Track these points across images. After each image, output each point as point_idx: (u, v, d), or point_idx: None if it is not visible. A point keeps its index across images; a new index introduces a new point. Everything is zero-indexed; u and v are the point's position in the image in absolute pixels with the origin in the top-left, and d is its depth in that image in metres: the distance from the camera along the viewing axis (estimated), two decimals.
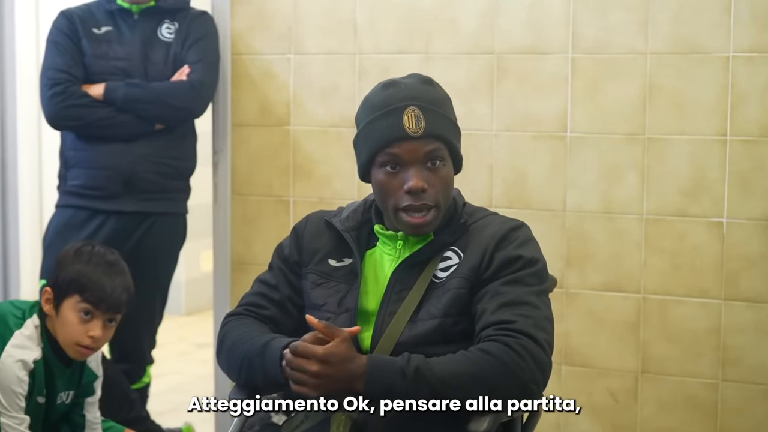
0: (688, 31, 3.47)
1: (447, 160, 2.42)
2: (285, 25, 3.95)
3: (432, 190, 2.38)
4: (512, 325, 2.28)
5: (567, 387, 3.65)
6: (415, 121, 2.37)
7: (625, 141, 3.56)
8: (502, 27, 3.67)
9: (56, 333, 3.05)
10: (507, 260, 2.39)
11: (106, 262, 3.09)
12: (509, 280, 2.36)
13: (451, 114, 2.45)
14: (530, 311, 2.32)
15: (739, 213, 3.45)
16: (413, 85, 2.44)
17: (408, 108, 2.38)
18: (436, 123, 2.39)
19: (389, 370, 2.20)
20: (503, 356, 2.23)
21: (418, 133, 2.37)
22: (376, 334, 2.42)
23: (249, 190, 4.05)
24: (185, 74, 3.83)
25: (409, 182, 2.36)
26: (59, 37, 3.83)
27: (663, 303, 3.55)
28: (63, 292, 3.03)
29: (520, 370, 2.23)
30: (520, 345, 2.25)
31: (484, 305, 2.34)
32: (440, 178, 2.39)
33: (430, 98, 2.41)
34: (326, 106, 3.90)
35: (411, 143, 2.37)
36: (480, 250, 2.42)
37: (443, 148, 2.40)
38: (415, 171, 2.37)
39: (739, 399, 3.48)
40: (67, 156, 3.88)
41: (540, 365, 2.27)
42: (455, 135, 2.45)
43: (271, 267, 2.60)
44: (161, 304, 4.04)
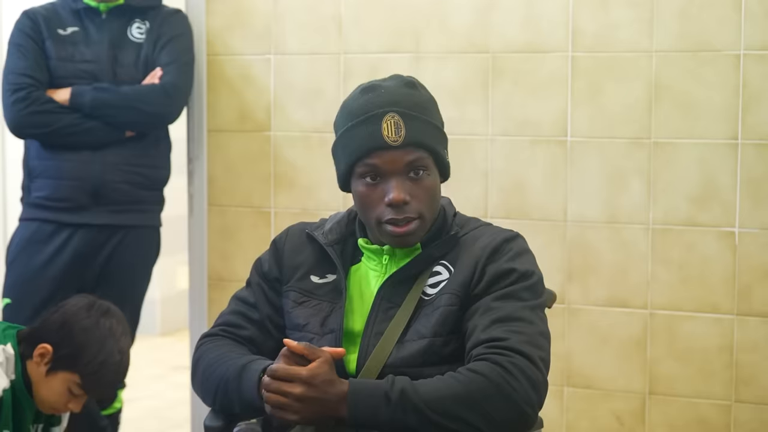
0: (696, 28, 3.49)
1: (431, 170, 2.39)
2: (264, 24, 3.96)
3: (415, 201, 2.37)
4: (504, 343, 2.26)
5: (570, 410, 3.66)
6: (394, 129, 2.36)
7: (629, 145, 3.58)
8: (497, 24, 3.69)
9: (33, 381, 3.01)
10: (499, 273, 2.37)
11: (119, 350, 3.06)
12: (501, 295, 2.35)
13: (435, 119, 2.42)
14: (524, 327, 2.31)
15: (752, 222, 3.47)
16: (394, 88, 2.42)
17: (387, 115, 2.36)
18: (417, 130, 2.37)
19: (373, 393, 2.19)
20: (493, 376, 2.21)
21: (397, 142, 2.35)
22: (361, 356, 2.41)
23: (227, 200, 4.06)
24: (157, 77, 3.84)
25: (390, 195, 2.35)
26: (22, 38, 3.84)
27: (671, 319, 3.56)
28: (65, 365, 2.99)
29: (513, 390, 2.21)
30: (512, 363, 2.23)
31: (475, 322, 2.33)
32: (424, 189, 2.38)
33: (411, 103, 2.38)
34: (309, 110, 3.92)
35: (391, 153, 2.35)
36: (471, 263, 2.41)
37: (426, 156, 2.38)
38: (397, 182, 2.35)
39: (755, 422, 3.50)
40: (31, 166, 3.89)
41: (534, 384, 2.24)
42: (440, 142, 2.42)
43: (249, 283, 2.60)
44: (133, 324, 4.03)
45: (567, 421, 3.66)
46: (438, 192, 2.43)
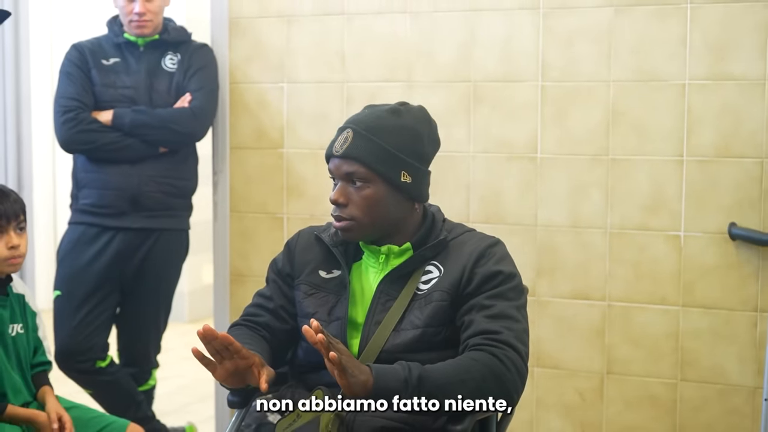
0: (647, 61, 3.46)
1: (374, 182, 2.37)
2: (278, 57, 3.93)
3: (352, 206, 2.38)
4: (499, 336, 2.29)
5: (539, 387, 3.64)
6: (342, 142, 2.38)
7: (590, 161, 3.55)
8: (478, 58, 3.66)
9: None
10: (488, 276, 2.38)
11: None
12: (492, 294, 2.36)
13: (391, 144, 2.37)
14: (513, 324, 2.33)
15: (695, 227, 3.44)
16: (371, 111, 2.44)
17: (345, 130, 2.40)
18: (360, 147, 2.36)
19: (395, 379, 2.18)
20: (493, 367, 2.25)
21: (339, 152, 2.38)
22: (363, 341, 2.40)
23: (246, 207, 4.02)
24: (187, 101, 3.82)
25: (331, 195, 2.40)
26: (71, 68, 3.82)
27: (626, 310, 3.54)
28: None
29: (507, 380, 2.26)
30: (506, 356, 2.27)
31: (471, 317, 2.34)
32: (361, 198, 2.37)
33: (370, 125, 2.38)
34: (316, 131, 3.88)
35: (335, 161, 2.40)
36: (460, 265, 2.41)
37: (365, 171, 2.36)
38: (339, 186, 2.40)
39: (697, 398, 3.48)
40: (79, 177, 3.86)
41: (521, 375, 2.30)
42: (385, 163, 2.37)
43: (267, 280, 2.59)
44: (166, 313, 4.02)
45: (537, 396, 3.65)
46: (378, 202, 2.39)
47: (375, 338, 2.38)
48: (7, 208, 3.01)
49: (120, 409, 3.80)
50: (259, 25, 3.95)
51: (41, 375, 3.12)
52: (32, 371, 3.11)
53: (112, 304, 3.86)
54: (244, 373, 2.30)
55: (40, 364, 3.14)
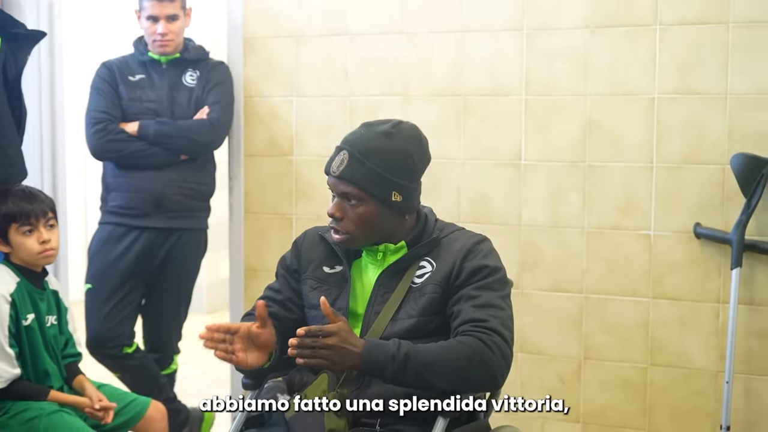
0: (620, 77, 3.47)
1: (366, 202, 2.35)
2: (288, 73, 3.93)
3: (347, 220, 2.38)
4: (485, 323, 2.28)
5: (522, 371, 3.64)
6: (338, 163, 2.37)
7: (568, 168, 3.55)
8: (468, 74, 3.66)
9: (23, 260, 3.02)
10: (475, 269, 2.37)
11: (21, 192, 3.05)
12: (480, 286, 2.35)
13: (382, 167, 2.34)
14: (498, 312, 2.33)
15: (664, 227, 3.45)
16: (365, 133, 2.39)
17: (342, 151, 2.38)
18: (354, 170, 2.34)
19: (383, 353, 2.19)
20: (479, 350, 2.24)
21: (336, 173, 2.37)
22: (363, 330, 2.40)
23: (259, 209, 4.03)
24: (205, 114, 3.82)
25: (329, 208, 2.40)
26: (101, 84, 3.82)
27: (601, 301, 3.54)
28: (3, 229, 3.00)
29: (491, 362, 2.25)
30: (492, 341, 2.26)
31: (460, 306, 2.33)
32: (356, 214, 2.37)
33: (364, 149, 2.35)
34: (323, 140, 3.88)
35: (333, 180, 2.39)
36: (450, 260, 2.40)
37: (359, 192, 2.35)
38: (336, 202, 2.39)
39: (665, 380, 3.48)
40: (108, 182, 3.86)
41: (506, 358, 2.28)
42: (377, 185, 2.35)
43: (276, 275, 2.59)
44: (186, 304, 4.03)
45: (521, 379, 3.65)
46: (371, 219, 2.38)
47: (374, 327, 2.38)
48: (36, 208, 3.03)
49: (145, 391, 3.80)
50: (271, 45, 3.95)
51: (73, 365, 3.14)
52: (64, 361, 3.12)
53: (137, 296, 3.87)
54: (258, 341, 2.33)
55: (71, 356, 3.15)
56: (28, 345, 2.99)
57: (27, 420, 2.90)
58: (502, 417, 3.44)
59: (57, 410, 2.92)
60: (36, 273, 3.07)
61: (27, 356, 2.99)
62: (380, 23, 3.77)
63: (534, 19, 3.55)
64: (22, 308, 2.98)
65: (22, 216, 3.00)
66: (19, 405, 2.93)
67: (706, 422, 3.42)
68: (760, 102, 3.29)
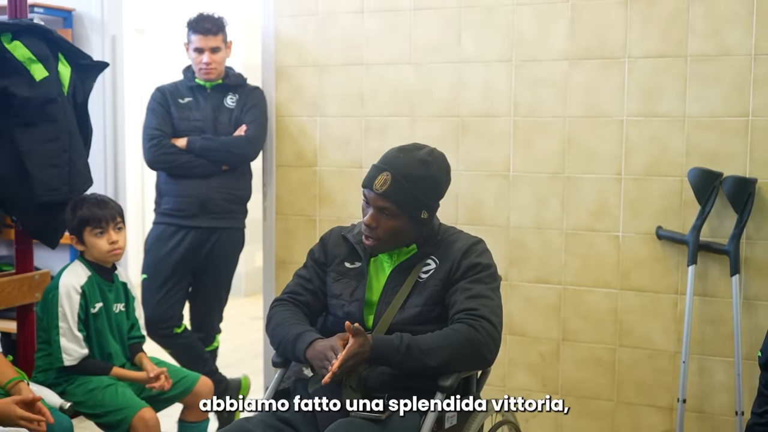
0: (594, 101, 3.47)
1: (398, 217, 2.36)
2: (313, 97, 3.95)
3: (380, 229, 2.38)
4: (476, 312, 2.30)
5: (510, 350, 3.65)
6: (381, 182, 2.35)
7: (550, 178, 3.55)
8: (465, 97, 3.67)
9: (94, 257, 3.06)
10: (471, 266, 2.39)
11: (93, 199, 3.09)
12: (473, 280, 2.37)
13: (418, 191, 2.36)
14: (488, 302, 2.34)
15: (631, 229, 3.45)
16: (406, 158, 2.38)
17: (385, 171, 2.36)
18: (397, 192, 2.34)
19: (388, 347, 2.22)
20: (469, 335, 2.26)
21: (379, 191, 2.35)
22: (377, 317, 2.43)
23: (288, 211, 4.04)
24: (243, 131, 3.84)
25: (365, 217, 2.39)
26: (155, 105, 3.85)
27: (577, 292, 3.55)
28: (79, 230, 3.05)
29: (480, 344, 2.27)
30: (481, 326, 2.28)
31: (456, 297, 2.35)
32: (388, 226, 2.37)
33: (405, 173, 2.35)
34: (342, 153, 3.90)
35: (373, 195, 2.37)
36: (451, 259, 2.42)
37: (395, 209, 2.35)
38: (372, 212, 2.38)
39: (631, 359, 3.49)
40: (161, 188, 3.89)
41: (494, 340, 2.30)
42: (412, 205, 2.36)
43: (305, 265, 2.60)
44: (226, 291, 4.05)
45: (508, 358, 3.65)
46: (401, 230, 2.39)
47: (386, 315, 2.41)
48: (106, 213, 3.05)
49: (191, 364, 3.82)
50: (299, 73, 3.96)
51: (137, 345, 3.17)
52: (129, 342, 3.14)
53: (185, 285, 3.89)
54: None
55: (136, 338, 3.17)
56: (94, 329, 3.02)
57: (88, 390, 2.94)
58: (489, 391, 3.47)
59: (113, 383, 2.95)
60: (106, 268, 3.09)
61: (93, 339, 3.02)
62: (390, 55, 3.79)
63: (521, 52, 3.56)
64: (91, 298, 3.01)
65: (95, 220, 3.03)
66: (83, 378, 2.96)
67: (666, 395, 3.43)
68: (712, 124, 3.29)
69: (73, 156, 3.12)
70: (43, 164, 3.04)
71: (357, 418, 2.20)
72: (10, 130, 3.01)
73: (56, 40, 3.13)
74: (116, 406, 2.88)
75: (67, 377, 2.97)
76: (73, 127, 3.14)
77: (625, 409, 3.49)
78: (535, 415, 3.60)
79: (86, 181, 3.22)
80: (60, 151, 3.08)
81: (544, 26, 3.51)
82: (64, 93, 3.13)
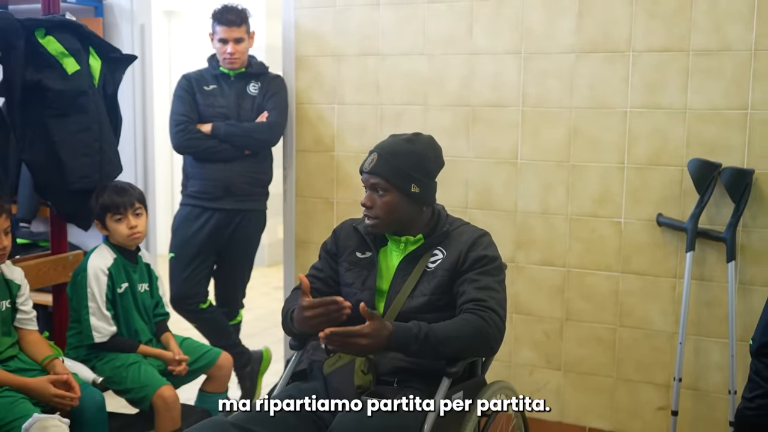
0: (599, 93, 3.43)
1: (390, 192, 2.38)
2: (331, 85, 3.93)
3: (376, 208, 2.40)
4: (485, 303, 2.29)
5: (516, 328, 3.65)
6: (369, 162, 2.41)
7: (556, 166, 3.53)
8: (476, 88, 3.64)
9: (117, 241, 3.08)
10: (478, 258, 2.38)
11: (113, 187, 3.11)
12: (481, 272, 2.36)
13: (404, 164, 2.38)
14: (495, 294, 2.34)
15: (632, 215, 3.43)
16: (392, 140, 2.44)
17: (373, 153, 2.42)
18: (382, 167, 2.38)
19: (407, 335, 2.19)
20: (480, 326, 2.26)
21: (367, 169, 2.40)
22: (387, 304, 2.42)
23: (307, 194, 4.04)
24: (265, 117, 3.82)
25: (362, 198, 2.43)
26: (181, 92, 3.83)
27: (580, 274, 3.53)
28: (102, 216, 3.07)
29: (489, 335, 2.27)
30: (490, 318, 2.27)
31: (465, 288, 2.35)
32: (382, 203, 2.39)
33: (390, 150, 2.40)
34: (358, 139, 3.88)
35: (365, 175, 2.42)
36: (458, 250, 2.41)
37: (385, 183, 2.37)
38: (368, 194, 2.42)
39: (630, 339, 3.48)
40: (187, 171, 3.88)
41: (500, 331, 2.30)
42: (400, 178, 2.37)
43: (320, 257, 2.61)
44: (249, 269, 4.06)
45: (514, 335, 3.66)
46: (395, 206, 2.40)
47: (395, 303, 2.40)
48: (125, 200, 3.07)
49: (216, 337, 3.87)
50: (318, 62, 3.94)
51: (162, 323, 3.19)
52: (154, 319, 3.17)
53: (210, 264, 3.91)
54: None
55: (160, 315, 3.20)
56: (121, 308, 3.05)
57: (114, 367, 2.97)
58: (494, 372, 3.49)
59: (137, 361, 2.98)
60: (130, 250, 3.11)
61: (120, 317, 3.05)
62: (405, 46, 3.75)
63: (530, 45, 3.52)
64: (117, 279, 3.04)
65: (114, 207, 3.05)
66: (111, 355, 3.00)
67: (663, 374, 3.43)
68: (713, 116, 3.25)
69: (103, 145, 3.14)
70: (75, 153, 3.06)
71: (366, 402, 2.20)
72: (45, 121, 3.03)
73: (87, 34, 3.13)
74: (138, 383, 2.91)
75: (96, 354, 3.01)
76: (103, 118, 3.15)
77: (624, 385, 3.49)
78: (540, 388, 3.62)
79: (116, 168, 3.23)
80: (91, 141, 3.10)
81: (552, 20, 3.46)
82: (95, 85, 3.13)
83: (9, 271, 2.81)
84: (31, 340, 2.82)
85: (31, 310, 2.85)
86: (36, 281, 3.11)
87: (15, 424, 2.54)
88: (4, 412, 2.56)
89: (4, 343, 2.74)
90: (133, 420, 3.00)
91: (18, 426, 2.52)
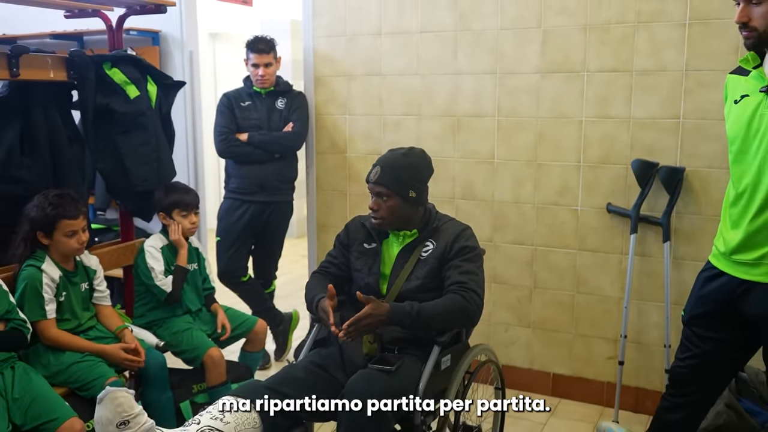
0: (560, 105, 3.39)
1: (392, 197, 2.37)
2: (343, 99, 3.89)
3: (381, 211, 2.39)
4: (466, 285, 2.30)
5: (494, 295, 3.64)
6: (374, 173, 2.38)
7: (525, 165, 3.50)
8: (460, 101, 3.60)
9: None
10: (461, 248, 2.38)
11: (183, 188, 3.09)
12: (464, 259, 2.36)
13: (403, 175, 2.37)
14: (475, 278, 2.34)
15: (587, 204, 3.40)
16: (392, 154, 2.41)
17: (377, 166, 2.40)
18: (385, 178, 2.36)
19: (402, 313, 2.21)
20: (462, 304, 2.26)
21: (373, 180, 2.38)
22: (389, 286, 2.43)
23: (326, 187, 4.01)
24: (291, 127, 3.79)
25: (370, 203, 2.41)
26: (222, 108, 3.80)
27: (545, 252, 3.52)
28: (169, 210, 3.06)
29: (469, 311, 2.28)
30: (470, 297, 2.28)
31: (450, 272, 2.35)
32: (386, 206, 2.38)
33: (391, 164, 2.38)
34: (365, 144, 3.85)
35: (371, 185, 2.40)
36: (445, 242, 2.41)
37: (388, 191, 2.37)
38: (374, 199, 2.40)
39: (586, 303, 3.47)
40: (228, 171, 3.86)
41: (478, 307, 2.30)
42: (400, 186, 2.36)
43: (334, 246, 2.60)
44: (280, 248, 4.05)
45: (493, 300, 3.66)
46: (398, 209, 2.39)
47: (396, 285, 2.41)
48: (193, 198, 3.07)
49: (254, 303, 3.89)
50: (332, 81, 3.90)
51: (209, 296, 3.19)
52: (204, 293, 3.17)
53: (249, 245, 3.90)
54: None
55: (207, 289, 3.20)
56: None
57: (172, 333, 2.98)
58: (478, 330, 3.48)
59: (189, 327, 2.99)
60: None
61: None
62: (402, 67, 3.71)
63: (503, 66, 3.47)
64: (171, 260, 3.03)
65: (183, 204, 3.05)
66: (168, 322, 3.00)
67: (612, 331, 3.43)
68: (651, 124, 3.21)
69: (160, 155, 3.12)
70: (137, 162, 3.05)
71: (373, 370, 2.22)
72: (112, 137, 3.02)
73: (145, 66, 3.10)
74: (191, 345, 2.93)
75: (157, 322, 3.02)
76: (159, 133, 3.14)
77: (581, 340, 3.49)
78: (514, 342, 3.62)
79: (171, 172, 3.22)
80: (150, 152, 3.08)
81: (521, 46, 3.41)
82: (152, 107, 3.11)
83: (87, 260, 2.82)
84: (106, 314, 2.83)
85: (105, 289, 2.86)
86: (110, 264, 3.12)
87: (95, 383, 2.56)
88: (86, 373, 2.58)
89: (85, 317, 2.75)
90: (189, 374, 3.02)
91: (97, 384, 2.54)
